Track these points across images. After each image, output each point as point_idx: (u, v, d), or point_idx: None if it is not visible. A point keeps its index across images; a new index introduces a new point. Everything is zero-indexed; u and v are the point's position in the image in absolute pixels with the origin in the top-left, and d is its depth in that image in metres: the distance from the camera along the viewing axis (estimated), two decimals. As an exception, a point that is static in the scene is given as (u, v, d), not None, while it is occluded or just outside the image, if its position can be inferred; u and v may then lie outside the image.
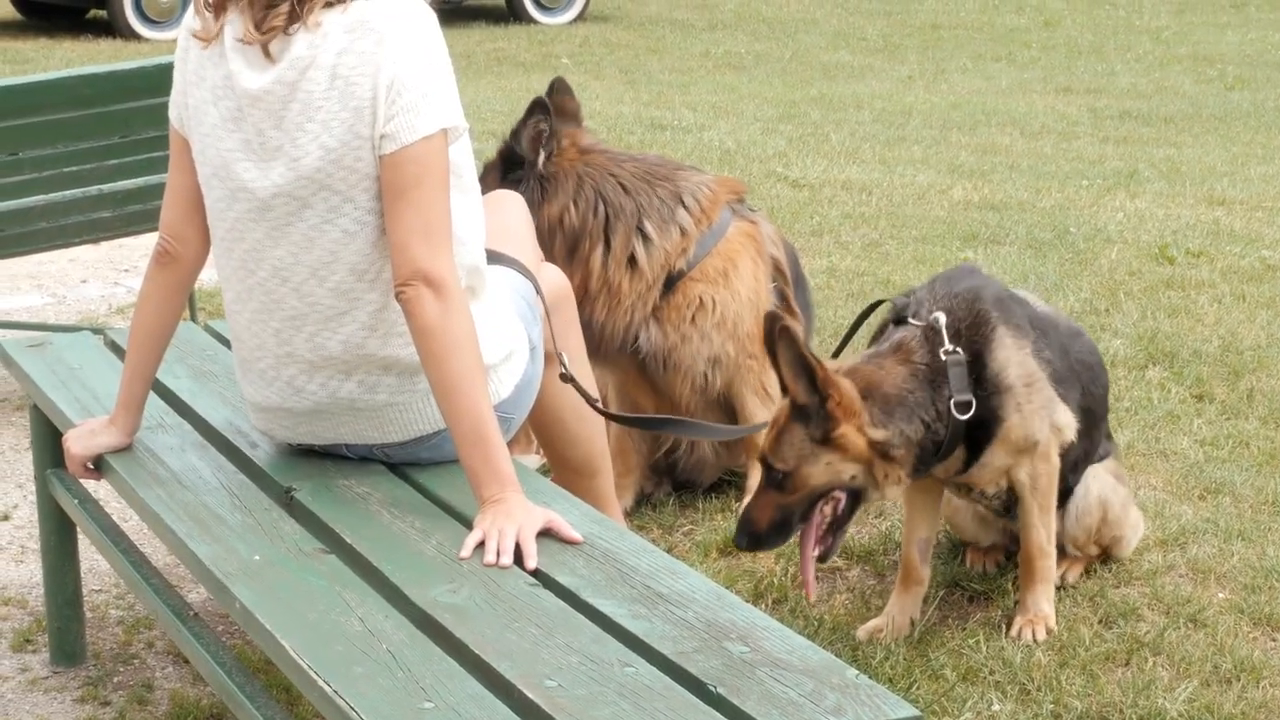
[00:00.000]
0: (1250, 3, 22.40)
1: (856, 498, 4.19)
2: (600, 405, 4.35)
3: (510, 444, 3.98)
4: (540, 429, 4.35)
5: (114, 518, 4.33)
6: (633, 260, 5.10)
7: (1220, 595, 4.69)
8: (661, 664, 2.86)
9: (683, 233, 5.13)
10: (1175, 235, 9.00)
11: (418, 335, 3.48)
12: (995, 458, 4.31)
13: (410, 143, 3.48)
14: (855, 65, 16.72)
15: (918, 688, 4.14)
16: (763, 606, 4.57)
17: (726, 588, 4.49)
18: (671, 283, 5.12)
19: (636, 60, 16.91)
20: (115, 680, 4.41)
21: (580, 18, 20.00)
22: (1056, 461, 4.39)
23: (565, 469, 4.42)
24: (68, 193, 6.19)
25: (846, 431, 4.07)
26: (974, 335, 4.24)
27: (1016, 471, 4.36)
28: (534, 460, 5.19)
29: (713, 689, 2.76)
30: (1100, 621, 4.52)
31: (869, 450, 4.10)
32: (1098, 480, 4.67)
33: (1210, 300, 7.61)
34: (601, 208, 5.09)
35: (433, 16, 3.60)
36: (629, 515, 5.08)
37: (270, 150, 3.56)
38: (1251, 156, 11.70)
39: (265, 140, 3.56)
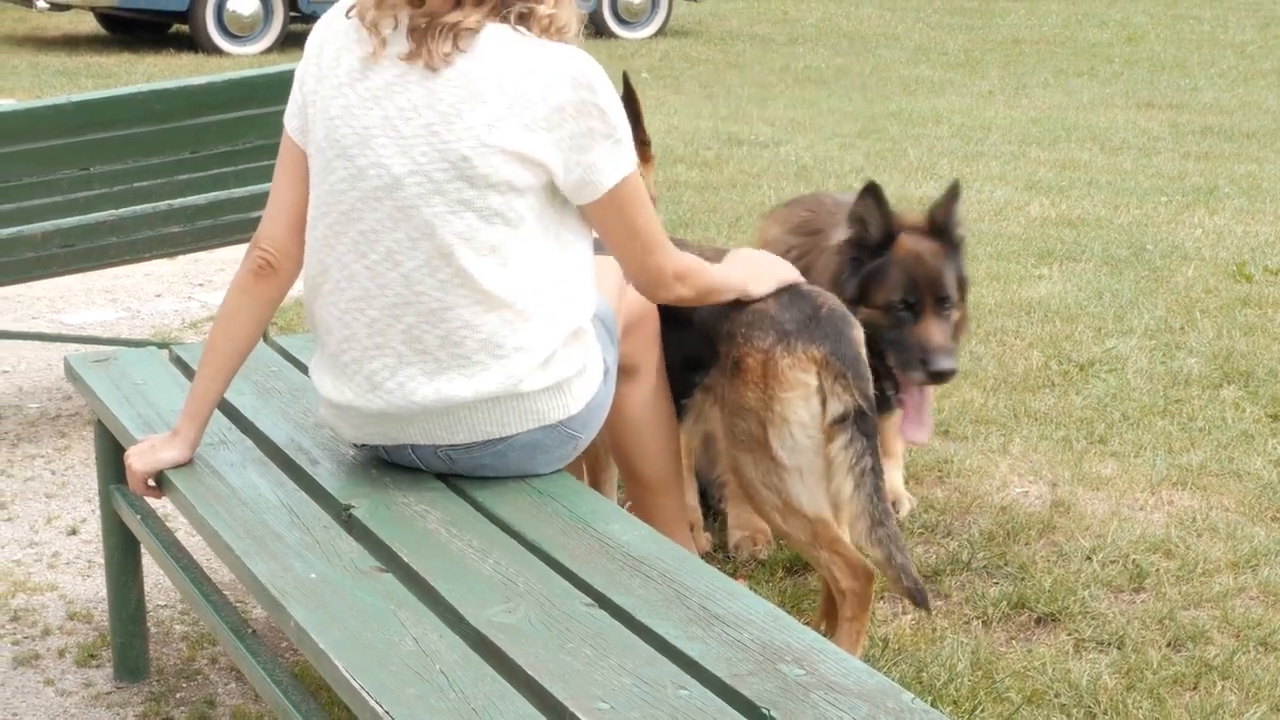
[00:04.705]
0: (1337, 16, 22.24)
1: None
2: None
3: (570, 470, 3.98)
4: (617, 440, 4.35)
5: (179, 534, 4.34)
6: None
7: (1292, 619, 4.64)
8: (716, 686, 2.83)
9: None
10: (1254, 253, 8.92)
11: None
12: None
13: None
14: (935, 80, 16.66)
15: (982, 710, 4.10)
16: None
17: (791, 608, 4.52)
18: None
19: (716, 74, 16.91)
20: (178, 696, 4.41)
21: (660, 32, 20.06)
22: None
23: (637, 483, 4.41)
24: (138, 208, 6.18)
25: None
26: None
27: None
28: None
29: (766, 712, 2.72)
30: (1169, 644, 4.47)
31: None
32: None
33: (1288, 319, 7.54)
34: None
35: None
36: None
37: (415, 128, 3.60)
38: (1335, 173, 11.60)
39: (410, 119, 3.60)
